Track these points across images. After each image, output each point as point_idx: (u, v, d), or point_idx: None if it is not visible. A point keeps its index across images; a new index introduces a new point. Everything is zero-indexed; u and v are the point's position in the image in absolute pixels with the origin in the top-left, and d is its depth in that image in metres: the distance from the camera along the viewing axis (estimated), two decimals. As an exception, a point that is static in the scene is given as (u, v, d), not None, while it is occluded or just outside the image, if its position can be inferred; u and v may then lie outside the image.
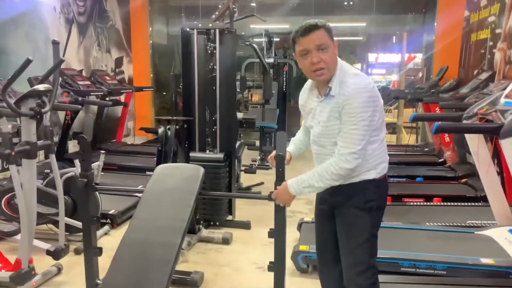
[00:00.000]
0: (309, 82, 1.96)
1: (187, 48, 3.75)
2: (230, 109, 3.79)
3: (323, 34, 1.73)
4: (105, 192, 3.96)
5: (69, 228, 3.27)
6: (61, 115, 5.76)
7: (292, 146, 2.16)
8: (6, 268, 2.75)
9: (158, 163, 3.27)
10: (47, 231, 3.49)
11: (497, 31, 5.26)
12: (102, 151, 3.90)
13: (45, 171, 3.45)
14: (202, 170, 2.22)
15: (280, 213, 2.06)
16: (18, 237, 2.76)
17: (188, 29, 3.72)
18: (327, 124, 1.79)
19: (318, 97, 1.84)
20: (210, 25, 3.61)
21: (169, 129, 3.39)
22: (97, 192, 3.46)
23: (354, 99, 1.68)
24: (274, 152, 2.03)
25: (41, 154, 5.13)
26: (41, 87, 2.51)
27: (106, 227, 3.73)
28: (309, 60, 1.75)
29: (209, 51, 3.68)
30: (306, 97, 1.95)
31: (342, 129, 1.73)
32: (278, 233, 2.08)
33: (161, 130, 3.39)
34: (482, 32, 5.75)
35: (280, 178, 2.00)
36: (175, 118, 3.44)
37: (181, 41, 3.77)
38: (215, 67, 3.67)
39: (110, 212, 3.80)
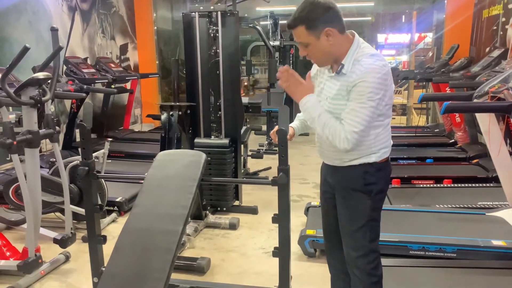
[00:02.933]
0: None
1: (190, 32, 3.70)
2: (234, 93, 3.73)
3: (301, 32, 1.68)
4: (113, 179, 3.97)
5: (76, 216, 3.28)
6: (68, 104, 5.77)
7: (296, 122, 2.07)
8: (14, 257, 2.77)
9: (162, 149, 3.24)
10: (55, 219, 3.51)
11: (510, 6, 5.08)
12: (109, 139, 3.89)
13: (51, 160, 3.45)
14: (204, 156, 2.18)
15: (283, 198, 2.03)
16: (26, 226, 2.77)
17: (189, 13, 3.65)
18: (334, 102, 1.74)
19: (330, 72, 1.79)
20: (212, 7, 3.54)
21: (172, 115, 3.36)
22: (103, 180, 3.47)
23: (367, 79, 1.62)
24: (276, 127, 1.97)
25: (49, 143, 5.17)
26: (40, 75, 2.48)
27: (114, 215, 3.74)
28: None
29: (212, 35, 3.61)
30: (318, 69, 1.88)
31: (349, 106, 1.67)
32: (282, 218, 2.05)
33: (164, 116, 3.36)
34: (494, 8, 5.57)
35: (282, 154, 1.95)
36: (177, 104, 3.40)
37: (183, 25, 3.72)
38: (218, 51, 3.61)
39: (117, 200, 3.81)
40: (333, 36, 1.67)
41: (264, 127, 6.36)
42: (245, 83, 7.27)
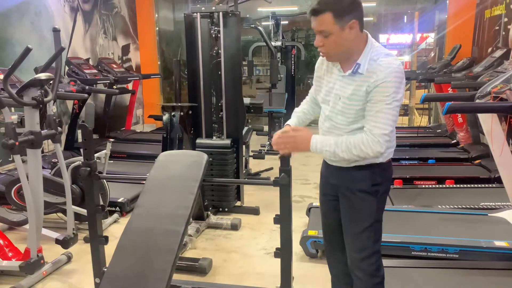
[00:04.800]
0: None
1: (191, 32, 3.70)
2: (236, 94, 3.73)
3: (326, 19, 1.60)
4: (115, 180, 3.97)
5: (78, 217, 3.28)
6: (70, 104, 5.78)
7: (294, 120, 2.02)
8: (16, 258, 2.78)
9: (164, 150, 3.24)
10: (57, 220, 3.52)
11: (512, 6, 5.07)
12: (111, 139, 3.89)
13: (53, 160, 3.46)
14: (205, 156, 2.17)
15: (285, 199, 2.03)
16: (28, 226, 2.77)
17: (191, 13, 3.65)
18: (348, 102, 1.70)
19: (340, 71, 1.75)
20: (214, 8, 3.54)
21: (174, 115, 3.36)
22: (104, 181, 3.47)
23: (389, 78, 1.60)
24: (276, 134, 1.96)
25: (51, 144, 5.18)
26: (42, 75, 2.48)
27: (116, 215, 3.74)
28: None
29: (213, 35, 3.62)
30: (325, 69, 1.83)
31: (374, 108, 1.64)
32: (284, 219, 2.05)
33: (165, 117, 3.35)
34: (497, 8, 5.56)
35: (284, 164, 1.96)
36: (179, 104, 3.40)
37: (184, 26, 3.72)
38: (219, 51, 3.61)
39: (119, 200, 3.81)
40: (355, 30, 1.64)
41: (266, 128, 6.36)
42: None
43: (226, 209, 3.84)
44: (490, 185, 4.05)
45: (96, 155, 2.97)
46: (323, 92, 1.83)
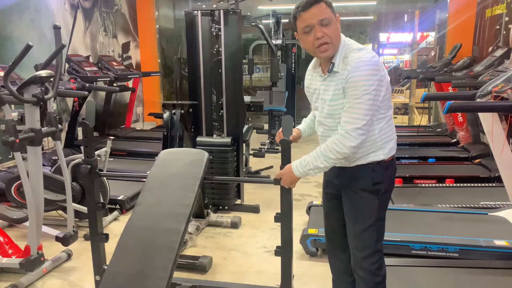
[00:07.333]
0: (312, 63, 1.90)
1: (192, 30, 3.69)
2: (237, 92, 3.73)
3: (324, 8, 1.67)
4: (115, 178, 3.97)
5: (78, 214, 3.28)
6: (70, 102, 5.77)
7: (303, 125, 2.10)
8: (16, 255, 2.77)
9: (164, 148, 3.24)
10: (57, 217, 3.52)
11: (513, 5, 5.06)
12: (111, 137, 3.89)
13: (53, 158, 3.45)
14: (206, 154, 2.17)
15: (286, 197, 2.03)
16: (28, 224, 2.77)
17: (192, 11, 3.65)
18: (332, 103, 1.73)
19: (322, 76, 1.79)
20: (215, 5, 3.54)
21: (174, 113, 3.36)
22: (105, 178, 3.47)
23: (357, 72, 1.63)
24: (280, 132, 1.98)
25: (51, 141, 5.17)
26: (43, 73, 2.47)
27: (116, 213, 3.74)
28: (312, 36, 1.69)
29: (214, 33, 3.61)
30: (311, 78, 1.90)
31: (346, 104, 1.67)
32: (284, 217, 2.05)
33: (166, 115, 3.35)
34: (498, 7, 5.55)
35: (285, 163, 1.96)
36: (180, 102, 3.40)
37: (185, 24, 3.71)
38: (220, 49, 3.61)
39: (119, 198, 3.81)
40: (339, 24, 1.71)
41: (266, 126, 6.36)
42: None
43: (226, 207, 3.84)
44: (490, 184, 4.05)
45: (96, 152, 2.97)
46: (313, 99, 1.88)
